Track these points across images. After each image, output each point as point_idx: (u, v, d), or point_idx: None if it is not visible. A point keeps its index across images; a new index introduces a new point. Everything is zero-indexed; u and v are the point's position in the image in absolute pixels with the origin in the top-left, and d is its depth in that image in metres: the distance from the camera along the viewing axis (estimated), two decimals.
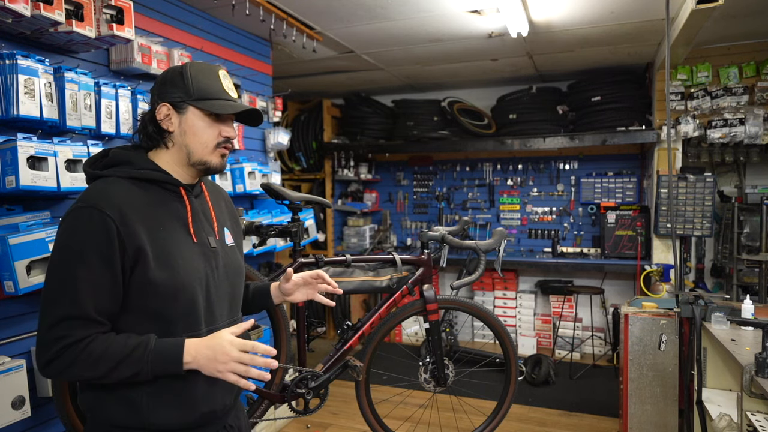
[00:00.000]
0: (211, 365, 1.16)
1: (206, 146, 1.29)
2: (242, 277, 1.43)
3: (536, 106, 4.77)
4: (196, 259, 1.27)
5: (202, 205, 1.37)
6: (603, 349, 4.82)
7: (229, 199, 1.54)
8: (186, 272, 1.23)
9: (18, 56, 1.80)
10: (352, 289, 2.52)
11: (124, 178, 1.24)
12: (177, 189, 1.30)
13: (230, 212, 1.50)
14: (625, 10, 3.15)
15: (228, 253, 1.38)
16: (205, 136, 1.29)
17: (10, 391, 1.79)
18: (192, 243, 1.28)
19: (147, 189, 1.26)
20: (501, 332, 2.64)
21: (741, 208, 4.13)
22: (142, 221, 1.19)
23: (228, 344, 1.16)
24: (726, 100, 3.74)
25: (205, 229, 1.33)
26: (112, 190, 1.20)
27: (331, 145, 5.27)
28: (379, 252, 5.19)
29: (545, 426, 3.42)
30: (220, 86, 1.30)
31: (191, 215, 1.30)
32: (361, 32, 3.54)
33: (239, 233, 1.50)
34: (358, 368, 2.40)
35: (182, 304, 1.22)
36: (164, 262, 1.20)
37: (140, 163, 1.28)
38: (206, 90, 1.28)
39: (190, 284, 1.23)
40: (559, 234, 5.14)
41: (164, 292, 1.19)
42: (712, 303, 2.31)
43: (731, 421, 1.87)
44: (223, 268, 1.34)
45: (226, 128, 1.31)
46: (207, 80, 1.30)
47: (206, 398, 1.27)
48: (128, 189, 1.23)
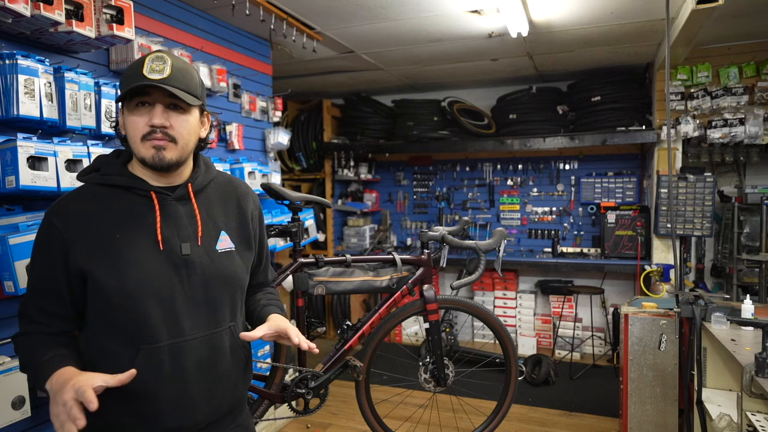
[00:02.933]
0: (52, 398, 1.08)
1: (135, 140, 1.21)
2: (234, 284, 1.33)
3: (536, 106, 4.77)
4: (156, 267, 1.20)
5: (187, 208, 1.28)
6: (603, 349, 4.82)
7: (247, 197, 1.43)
8: (137, 282, 1.18)
9: (18, 56, 1.80)
10: (352, 289, 2.51)
11: (93, 185, 1.25)
12: (147, 193, 1.24)
13: (241, 213, 1.39)
14: (625, 10, 3.15)
15: (214, 260, 1.28)
16: (132, 130, 1.21)
17: (10, 391, 1.78)
18: (156, 251, 1.21)
19: (115, 195, 1.23)
20: (501, 332, 2.64)
21: (741, 208, 4.13)
22: (93, 228, 1.19)
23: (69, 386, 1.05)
24: (726, 100, 3.74)
25: (180, 235, 1.24)
26: (69, 198, 1.24)
27: (331, 145, 5.27)
28: (379, 252, 5.19)
29: (545, 426, 3.42)
30: (140, 71, 1.18)
31: (160, 221, 1.23)
32: (361, 32, 3.54)
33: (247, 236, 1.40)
34: (358, 368, 2.40)
35: (132, 315, 1.18)
36: (115, 273, 1.17)
37: (108, 169, 1.26)
38: (127, 82, 1.19)
39: (140, 295, 1.17)
40: (559, 234, 5.14)
41: (113, 301, 1.17)
42: (712, 303, 2.31)
43: (731, 421, 1.87)
44: (200, 276, 1.25)
45: (151, 117, 1.19)
46: (130, 71, 1.21)
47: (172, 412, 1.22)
48: (90, 196, 1.23)
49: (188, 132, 1.25)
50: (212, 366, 1.27)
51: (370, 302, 5.50)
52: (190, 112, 1.25)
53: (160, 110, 1.20)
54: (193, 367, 1.23)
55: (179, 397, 1.22)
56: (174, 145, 1.22)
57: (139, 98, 1.20)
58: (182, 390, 1.22)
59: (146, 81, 1.17)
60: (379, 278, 2.53)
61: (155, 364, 1.19)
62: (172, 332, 1.21)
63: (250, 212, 1.42)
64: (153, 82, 1.17)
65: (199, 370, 1.24)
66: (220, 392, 1.30)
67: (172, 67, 1.20)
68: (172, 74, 1.20)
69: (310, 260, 2.48)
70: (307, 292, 2.44)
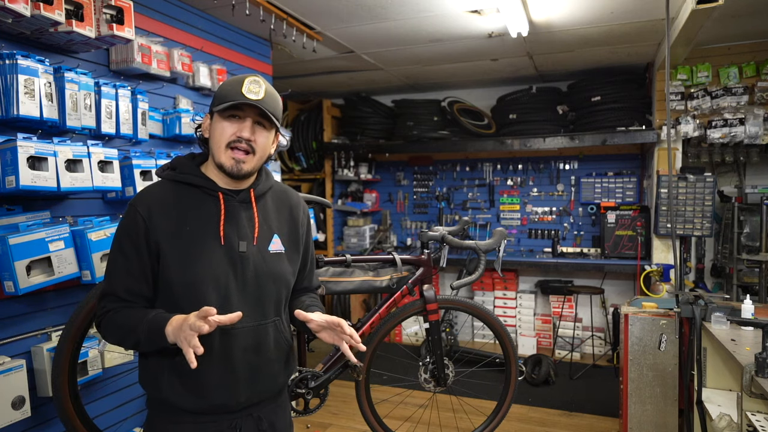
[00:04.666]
0: (177, 334, 1.22)
1: (219, 146, 1.36)
2: (281, 283, 1.45)
3: (536, 106, 4.77)
4: (217, 260, 1.34)
5: (247, 210, 1.43)
6: (603, 349, 4.82)
7: (298, 208, 1.56)
8: (200, 270, 1.32)
9: (18, 56, 1.80)
10: (352, 289, 2.51)
11: (170, 181, 1.42)
12: (215, 194, 1.39)
13: (292, 221, 1.53)
14: (625, 10, 3.15)
15: (266, 259, 1.42)
16: (219, 136, 1.36)
17: (10, 391, 1.79)
18: (218, 245, 1.36)
19: (187, 192, 1.39)
20: (501, 332, 2.64)
21: (741, 208, 4.13)
22: (168, 219, 1.35)
23: (192, 315, 1.19)
24: (726, 100, 3.74)
25: (239, 234, 1.38)
26: (150, 190, 1.41)
27: (331, 145, 5.27)
28: (379, 252, 5.19)
29: (545, 426, 3.42)
30: (239, 89, 1.33)
31: (224, 219, 1.37)
32: (361, 32, 3.54)
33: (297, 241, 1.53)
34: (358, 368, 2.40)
35: (192, 299, 1.30)
36: (181, 258, 1.33)
37: (183, 169, 1.42)
38: (226, 95, 1.34)
39: (201, 282, 1.32)
40: (559, 234, 5.14)
41: (177, 284, 1.32)
42: (712, 303, 2.31)
43: (731, 421, 1.87)
44: (252, 272, 1.38)
45: (240, 129, 1.35)
46: (229, 87, 1.36)
47: (218, 391, 1.34)
48: (168, 190, 1.39)
49: (266, 147, 1.41)
50: (256, 353, 1.39)
51: (370, 302, 5.50)
52: (270, 130, 1.42)
53: (249, 124, 1.36)
54: (240, 352, 1.36)
55: (224, 377, 1.35)
56: (252, 156, 1.38)
57: (233, 111, 1.35)
58: (228, 371, 1.35)
59: (246, 100, 1.32)
60: (379, 278, 2.53)
61: (207, 345, 1.27)
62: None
63: (300, 220, 1.56)
64: (251, 101, 1.33)
65: (244, 356, 1.37)
66: (261, 378, 1.41)
67: (265, 92, 1.36)
68: (265, 98, 1.36)
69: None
70: None
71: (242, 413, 1.40)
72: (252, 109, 1.35)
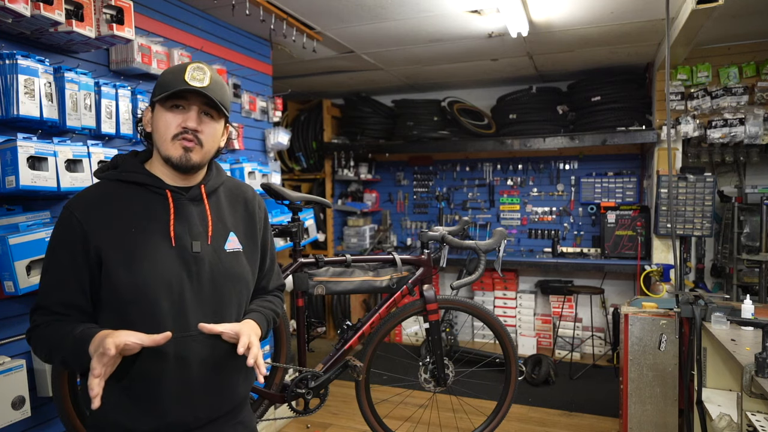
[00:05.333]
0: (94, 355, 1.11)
1: (165, 138, 1.27)
2: (240, 284, 1.36)
3: (536, 106, 4.77)
4: (168, 263, 1.24)
5: (199, 208, 1.33)
6: (603, 349, 4.82)
7: (254, 202, 1.48)
8: (149, 275, 1.21)
9: (18, 56, 1.80)
10: (352, 289, 2.51)
11: (111, 181, 1.30)
12: (163, 191, 1.29)
13: (249, 216, 1.44)
14: (625, 10, 3.15)
15: (223, 259, 1.32)
16: (163, 128, 1.27)
17: (10, 391, 1.79)
18: (168, 247, 1.26)
19: (131, 191, 1.29)
20: (501, 332, 2.64)
21: (741, 208, 4.13)
22: (110, 221, 1.24)
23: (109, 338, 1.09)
24: (726, 100, 3.74)
25: (191, 233, 1.29)
26: (87, 192, 1.29)
27: (331, 145, 5.27)
28: (379, 252, 5.19)
29: (545, 426, 3.42)
30: (182, 77, 1.25)
31: (174, 218, 1.28)
32: (361, 32, 3.54)
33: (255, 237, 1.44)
34: (358, 368, 2.40)
35: (142, 306, 1.21)
36: (127, 263, 1.21)
37: (126, 167, 1.31)
38: (167, 84, 1.26)
39: (152, 287, 1.21)
40: (559, 234, 5.14)
41: (124, 292, 1.20)
42: (712, 303, 2.31)
43: (731, 421, 1.87)
44: (208, 274, 1.29)
45: (185, 119, 1.26)
46: (171, 75, 1.27)
47: (174, 408, 1.23)
48: (108, 191, 1.28)
49: (214, 139, 1.33)
50: (215, 363, 1.29)
51: (370, 302, 5.50)
52: (218, 121, 1.33)
53: (195, 114, 1.27)
54: (197, 363, 1.25)
55: (181, 391, 1.24)
56: (200, 148, 1.29)
57: (176, 101, 1.27)
58: (185, 384, 1.24)
59: (189, 86, 1.24)
60: (379, 278, 2.53)
61: (160, 357, 1.20)
62: (178, 326, 1.23)
63: (257, 216, 1.47)
64: (195, 88, 1.24)
65: (202, 366, 1.26)
66: (221, 390, 1.31)
67: (211, 78, 1.28)
68: (211, 85, 1.27)
69: (310, 260, 2.48)
70: (307, 292, 2.44)
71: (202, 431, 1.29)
72: (197, 97, 1.26)
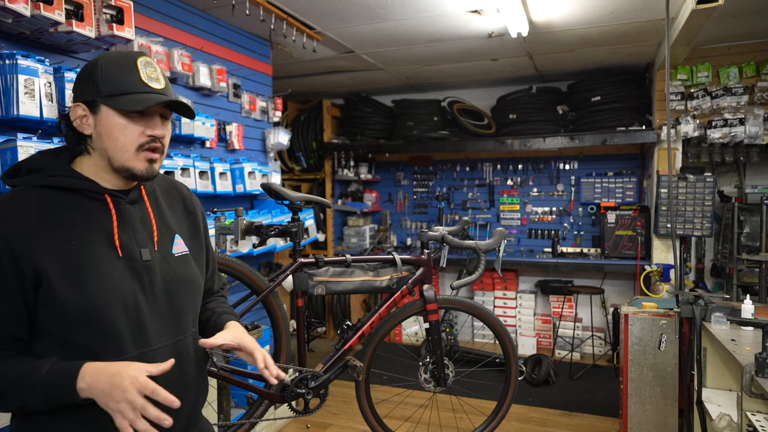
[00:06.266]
0: (103, 398, 1.01)
1: (126, 150, 1.12)
2: (193, 289, 1.28)
3: (536, 106, 4.77)
4: (118, 276, 1.11)
5: (141, 212, 1.21)
6: (603, 349, 4.82)
7: (192, 199, 1.37)
8: (101, 292, 1.08)
9: (18, 56, 1.80)
10: (352, 289, 2.51)
11: (34, 187, 1.11)
12: (102, 197, 1.14)
13: (189, 215, 1.34)
14: (625, 10, 3.15)
15: (172, 265, 1.22)
16: (123, 138, 1.11)
17: None
18: (115, 258, 1.12)
19: (62, 199, 1.11)
20: (501, 332, 2.64)
21: (741, 208, 4.13)
22: (45, 236, 1.06)
23: (129, 382, 0.99)
24: (726, 100, 3.74)
25: (137, 241, 1.16)
26: (9, 202, 1.08)
27: (331, 145, 5.27)
28: (379, 252, 5.19)
29: (545, 426, 3.42)
30: (137, 77, 1.11)
31: (117, 226, 1.14)
32: (361, 32, 3.54)
33: (199, 237, 1.35)
34: (358, 368, 2.40)
35: (96, 328, 1.08)
36: (73, 281, 1.06)
37: (54, 170, 1.12)
38: (120, 84, 1.10)
39: (105, 306, 1.08)
40: (559, 234, 5.14)
41: (73, 315, 1.06)
42: (712, 303, 2.31)
43: (731, 421, 1.87)
44: (161, 283, 1.18)
45: (150, 127, 1.13)
46: (120, 72, 1.11)
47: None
48: (34, 200, 1.09)
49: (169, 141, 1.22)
50: (180, 374, 1.21)
51: (370, 302, 5.50)
52: (170, 120, 1.21)
53: (159, 120, 1.15)
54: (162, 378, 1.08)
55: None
56: (161, 156, 1.18)
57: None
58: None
59: (150, 90, 1.12)
60: (379, 278, 2.53)
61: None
62: (138, 342, 1.13)
63: (198, 215, 1.37)
64: (157, 92, 1.13)
65: (167, 380, 1.10)
66: (186, 401, 1.20)
67: (162, 75, 1.17)
68: (166, 84, 1.16)
69: (310, 260, 2.48)
70: (307, 292, 2.44)
71: None
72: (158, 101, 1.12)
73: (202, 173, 2.82)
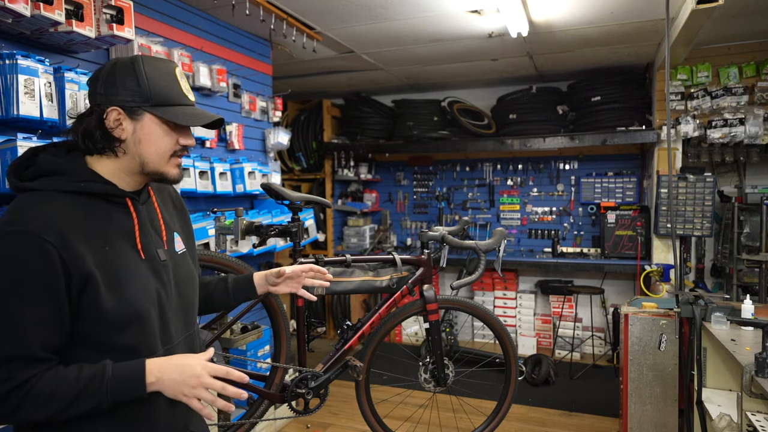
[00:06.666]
0: (176, 388, 1.07)
1: (163, 156, 1.17)
2: (195, 285, 1.33)
3: (536, 106, 4.77)
4: (146, 277, 1.15)
5: (150, 212, 1.24)
6: (603, 349, 4.82)
7: (177, 196, 1.42)
8: (138, 295, 1.12)
9: (18, 56, 1.80)
10: (352, 289, 2.51)
11: (59, 192, 1.09)
12: (123, 200, 1.16)
13: (179, 212, 1.38)
14: (625, 11, 3.15)
15: (179, 263, 1.27)
16: (163, 145, 1.16)
17: None
18: (140, 260, 1.15)
19: (87, 203, 1.11)
20: (501, 332, 2.64)
21: (741, 208, 4.13)
22: (85, 242, 1.06)
23: (200, 368, 1.08)
24: (726, 100, 3.74)
25: (153, 241, 1.20)
26: (48, 209, 1.05)
27: (331, 145, 5.27)
28: (379, 252, 5.19)
29: (545, 426, 3.42)
30: (180, 90, 1.17)
31: (138, 228, 1.17)
32: (361, 32, 3.54)
33: (189, 233, 1.40)
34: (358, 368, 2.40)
35: (136, 330, 1.12)
36: (112, 286, 1.08)
37: (79, 174, 1.12)
38: (166, 94, 1.14)
39: (142, 307, 1.12)
40: (559, 234, 5.14)
41: (114, 319, 1.08)
42: (712, 303, 2.31)
43: (731, 421, 1.87)
44: (173, 282, 1.23)
45: (183, 136, 1.19)
46: (165, 82, 1.15)
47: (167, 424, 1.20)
48: (65, 205, 1.08)
49: None
50: None
51: (370, 302, 5.50)
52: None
53: (190, 131, 1.22)
54: None
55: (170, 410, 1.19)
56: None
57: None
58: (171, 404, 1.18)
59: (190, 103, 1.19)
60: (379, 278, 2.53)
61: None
62: (163, 340, 1.19)
63: (185, 211, 1.42)
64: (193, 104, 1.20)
65: None
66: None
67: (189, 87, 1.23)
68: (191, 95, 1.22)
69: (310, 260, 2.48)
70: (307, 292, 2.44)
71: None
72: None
73: (202, 173, 2.82)
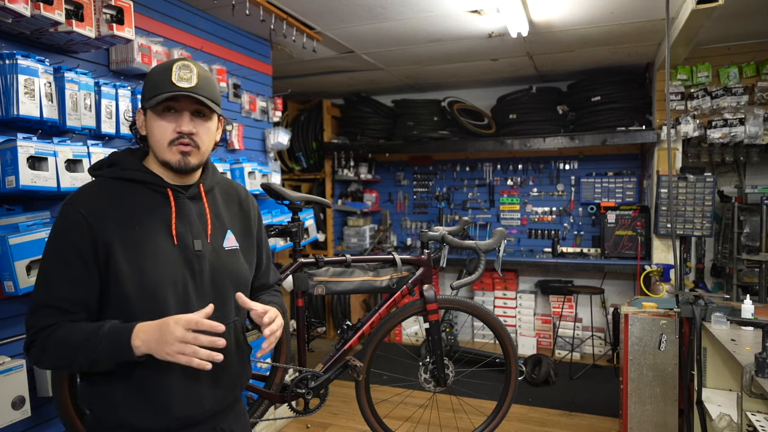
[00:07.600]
0: (160, 348, 1.14)
1: (161, 144, 1.27)
2: (239, 281, 1.39)
3: (536, 106, 4.77)
4: (171, 261, 1.26)
5: (198, 207, 1.35)
6: (603, 349, 4.82)
7: (248, 200, 1.51)
8: (155, 273, 1.23)
9: (18, 56, 1.80)
10: (352, 289, 2.51)
11: (111, 179, 1.29)
12: (164, 190, 1.30)
13: (243, 215, 1.47)
14: (625, 10, 3.15)
15: (221, 257, 1.35)
16: (159, 134, 1.27)
17: (10, 391, 1.79)
18: (171, 245, 1.27)
19: (133, 190, 1.29)
20: (501, 332, 2.64)
21: (741, 208, 4.13)
22: (115, 219, 1.23)
23: (173, 323, 1.13)
24: (726, 100, 3.74)
25: (192, 232, 1.31)
26: (87, 189, 1.28)
27: (331, 145, 5.27)
28: (379, 252, 5.19)
29: (545, 426, 3.42)
30: (169, 78, 1.24)
31: (175, 217, 1.29)
32: (361, 32, 3.54)
33: (250, 234, 1.47)
34: (358, 368, 2.40)
35: (150, 305, 1.22)
36: (133, 261, 1.22)
37: (126, 165, 1.31)
38: (155, 87, 1.25)
39: (158, 285, 1.23)
40: (559, 234, 5.14)
41: (132, 291, 1.21)
42: (712, 303, 2.31)
43: (731, 421, 1.87)
44: (209, 271, 1.31)
45: (179, 124, 1.26)
46: (158, 76, 1.26)
47: (182, 402, 1.26)
48: (109, 188, 1.28)
49: (209, 138, 1.33)
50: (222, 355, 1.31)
51: (370, 302, 5.50)
52: (211, 117, 1.32)
53: (187, 118, 1.27)
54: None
55: (189, 385, 1.27)
56: (197, 150, 1.29)
57: (167, 103, 1.26)
58: (192, 379, 1.27)
59: (177, 90, 1.23)
60: (379, 278, 2.54)
61: None
62: None
63: (252, 215, 1.50)
64: (183, 90, 1.23)
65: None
66: (224, 384, 1.35)
67: (198, 76, 1.27)
68: (199, 83, 1.26)
69: (310, 260, 2.48)
70: (307, 292, 2.44)
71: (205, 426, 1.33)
72: (187, 99, 1.26)
73: None
